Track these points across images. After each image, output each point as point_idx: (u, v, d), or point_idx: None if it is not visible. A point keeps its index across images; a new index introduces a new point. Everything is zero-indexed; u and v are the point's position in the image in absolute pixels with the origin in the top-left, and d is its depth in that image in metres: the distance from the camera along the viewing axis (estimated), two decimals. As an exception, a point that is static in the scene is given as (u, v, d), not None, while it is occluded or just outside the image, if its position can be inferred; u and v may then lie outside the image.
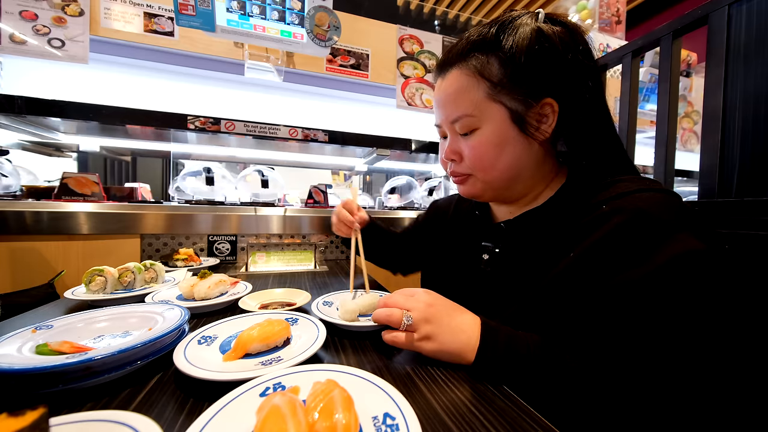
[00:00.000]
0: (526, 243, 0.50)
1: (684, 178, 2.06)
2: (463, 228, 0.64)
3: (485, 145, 0.47)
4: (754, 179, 0.59)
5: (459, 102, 0.47)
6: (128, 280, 0.68)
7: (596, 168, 0.47)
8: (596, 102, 0.47)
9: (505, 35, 0.44)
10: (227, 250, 1.17)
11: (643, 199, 0.39)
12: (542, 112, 0.45)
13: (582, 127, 0.46)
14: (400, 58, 1.78)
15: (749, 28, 0.59)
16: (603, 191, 0.43)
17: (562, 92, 0.44)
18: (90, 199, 1.07)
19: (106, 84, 1.47)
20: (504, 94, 0.45)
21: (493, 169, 0.48)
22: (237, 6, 1.35)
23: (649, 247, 0.36)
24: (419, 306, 0.41)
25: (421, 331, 0.40)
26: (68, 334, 0.44)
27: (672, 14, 2.76)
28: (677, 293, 0.34)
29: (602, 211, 0.40)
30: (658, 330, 0.34)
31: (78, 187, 1.07)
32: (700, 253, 0.35)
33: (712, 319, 0.34)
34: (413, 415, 0.27)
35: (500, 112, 0.45)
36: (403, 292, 0.45)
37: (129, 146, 1.60)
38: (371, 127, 1.77)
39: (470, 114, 0.47)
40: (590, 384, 0.35)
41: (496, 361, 0.37)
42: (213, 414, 0.27)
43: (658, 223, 0.37)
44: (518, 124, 0.45)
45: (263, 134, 1.35)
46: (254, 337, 0.40)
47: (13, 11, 1.20)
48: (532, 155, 0.48)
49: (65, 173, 1.06)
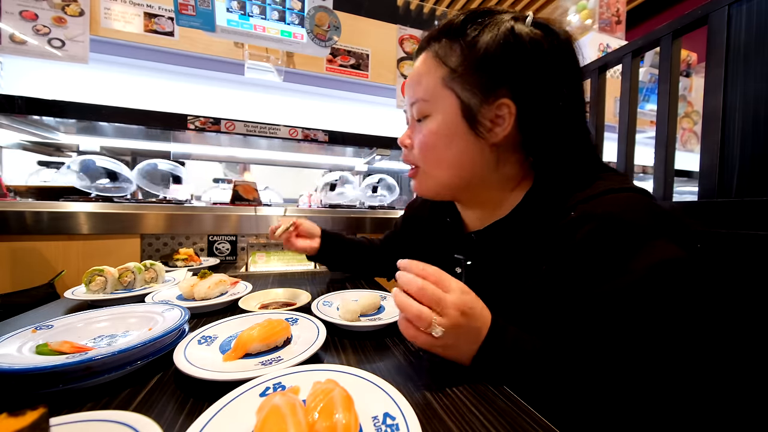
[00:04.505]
0: (497, 255, 0.48)
1: (684, 178, 2.06)
2: (437, 238, 0.62)
3: (434, 134, 0.46)
4: (754, 179, 0.59)
5: (418, 85, 0.47)
6: (128, 280, 0.68)
7: (563, 172, 0.44)
8: (572, 110, 0.44)
9: (474, 25, 0.43)
10: (227, 250, 1.17)
11: (612, 203, 0.38)
12: (498, 113, 0.42)
13: (546, 134, 0.43)
14: (400, 58, 1.78)
15: (749, 28, 0.59)
16: (572, 195, 0.41)
17: (523, 95, 0.42)
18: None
19: (106, 84, 1.47)
20: (457, 83, 0.43)
21: (440, 164, 0.47)
22: (237, 6, 1.35)
23: (624, 255, 0.35)
24: (452, 314, 0.35)
25: (442, 341, 0.35)
26: (68, 334, 0.44)
27: (672, 14, 2.76)
28: (657, 302, 0.33)
29: (571, 218, 0.39)
30: (639, 340, 0.34)
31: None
32: (677, 260, 0.34)
33: (695, 325, 0.33)
34: (413, 415, 0.27)
35: (452, 102, 0.44)
36: (437, 280, 0.37)
37: (129, 146, 1.60)
38: (371, 127, 1.77)
39: (425, 98, 0.46)
40: (579, 389, 0.35)
41: (496, 362, 0.37)
42: (213, 414, 0.27)
43: (631, 229, 0.35)
44: (468, 119, 0.43)
45: (263, 134, 1.35)
46: (254, 337, 0.40)
47: (13, 11, 1.20)
48: (485, 157, 0.45)
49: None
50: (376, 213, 1.41)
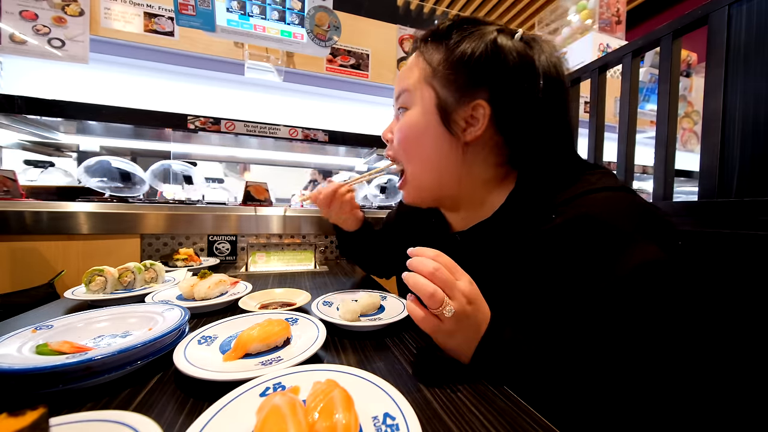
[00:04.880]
0: (481, 257, 0.49)
1: (684, 178, 2.06)
2: (423, 237, 0.63)
3: (410, 126, 0.49)
4: (754, 179, 0.59)
5: (403, 80, 0.50)
6: (128, 280, 0.68)
7: (547, 171, 0.45)
8: (550, 115, 0.45)
9: (459, 30, 0.45)
10: (227, 250, 1.17)
11: (592, 204, 0.38)
12: (473, 114, 0.44)
13: (524, 136, 0.45)
14: (400, 58, 1.78)
15: (749, 28, 0.59)
16: (554, 195, 0.42)
17: (499, 99, 0.43)
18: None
19: (106, 84, 1.47)
20: (438, 80, 0.46)
21: (415, 158, 0.49)
22: (237, 6, 1.35)
23: (604, 258, 0.35)
24: (461, 299, 0.36)
25: (448, 325, 0.36)
26: (68, 334, 0.44)
27: (672, 14, 2.76)
28: (639, 305, 0.34)
29: (554, 223, 0.39)
30: (621, 342, 0.34)
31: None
32: (658, 262, 0.34)
33: (679, 325, 0.34)
34: (413, 415, 0.27)
35: (430, 96, 0.46)
36: (449, 266, 0.38)
37: (129, 146, 1.60)
38: (371, 127, 1.77)
39: (407, 90, 0.49)
40: (572, 389, 0.35)
41: (494, 359, 0.37)
42: (213, 414, 0.27)
43: (611, 231, 0.36)
44: (442, 114, 0.45)
45: (263, 134, 1.35)
46: (254, 337, 0.40)
47: (13, 11, 1.20)
48: (457, 155, 0.46)
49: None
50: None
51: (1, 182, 1.04)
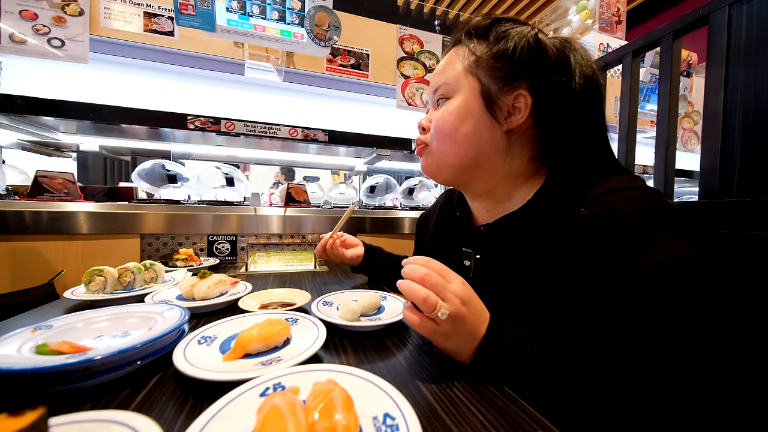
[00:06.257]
0: (506, 249, 0.49)
1: (684, 178, 2.06)
2: (445, 232, 0.64)
3: (450, 113, 0.49)
4: (754, 179, 0.59)
5: (444, 72, 0.51)
6: (128, 280, 0.68)
7: (577, 169, 0.46)
8: (587, 111, 0.47)
9: (501, 25, 0.48)
10: (227, 250, 1.17)
11: (621, 200, 0.39)
12: (515, 104, 0.46)
13: (561, 130, 0.46)
14: (401, 58, 1.78)
15: (750, 28, 0.59)
16: (583, 192, 0.43)
17: (540, 90, 0.46)
18: (65, 198, 1.06)
19: (106, 84, 1.47)
20: (482, 69, 0.47)
21: (452, 138, 0.49)
22: (237, 6, 1.35)
23: (632, 253, 0.35)
24: (454, 301, 0.37)
25: (444, 327, 0.37)
26: (68, 334, 0.44)
27: (672, 14, 2.76)
28: (664, 301, 0.34)
29: (581, 215, 0.40)
30: (645, 338, 0.34)
31: (52, 186, 1.06)
32: (685, 258, 0.34)
33: (702, 324, 0.34)
34: (413, 415, 0.27)
35: (474, 85, 0.48)
36: (439, 270, 0.39)
37: (129, 146, 1.59)
38: (371, 127, 1.77)
39: (448, 82, 0.50)
40: (587, 388, 0.35)
41: (494, 360, 0.37)
42: (213, 414, 0.27)
43: (639, 227, 0.36)
44: (486, 100, 0.47)
45: (263, 134, 1.35)
46: (254, 337, 0.40)
47: (12, 11, 1.20)
48: (496, 141, 0.48)
49: (38, 171, 1.05)
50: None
51: (63, 184, 1.07)
